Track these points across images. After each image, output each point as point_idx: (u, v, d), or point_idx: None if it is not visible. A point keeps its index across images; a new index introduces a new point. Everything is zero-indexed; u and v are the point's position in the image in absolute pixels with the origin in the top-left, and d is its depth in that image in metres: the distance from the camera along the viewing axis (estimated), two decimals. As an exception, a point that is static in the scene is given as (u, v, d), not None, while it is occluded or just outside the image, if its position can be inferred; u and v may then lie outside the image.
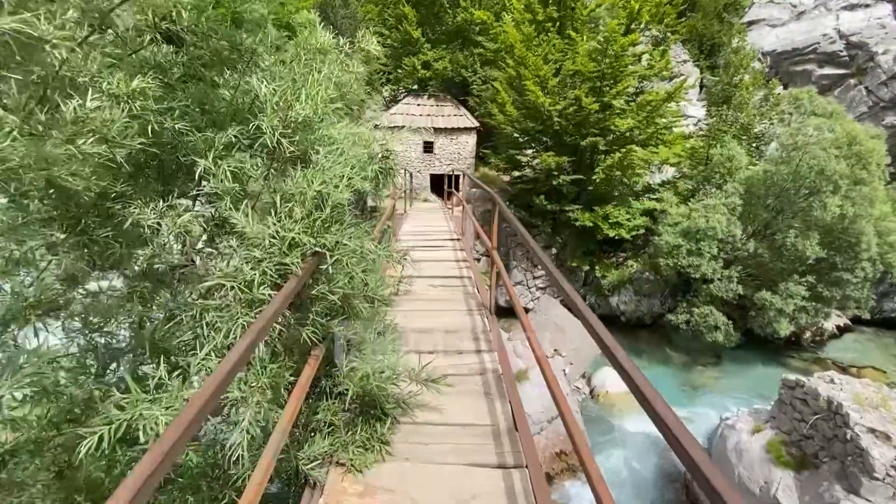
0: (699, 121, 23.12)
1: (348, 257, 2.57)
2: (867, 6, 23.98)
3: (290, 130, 2.82)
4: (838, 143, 12.37)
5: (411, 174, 16.64)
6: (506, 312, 16.66)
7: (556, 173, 14.88)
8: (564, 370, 10.90)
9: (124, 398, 1.84)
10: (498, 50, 19.15)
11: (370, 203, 16.02)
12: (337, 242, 2.54)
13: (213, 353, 2.14)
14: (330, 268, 2.47)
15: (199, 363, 2.04)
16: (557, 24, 16.75)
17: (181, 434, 1.17)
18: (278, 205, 2.51)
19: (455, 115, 20.49)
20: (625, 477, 10.51)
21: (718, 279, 13.22)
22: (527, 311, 17.04)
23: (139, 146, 2.33)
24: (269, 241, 2.38)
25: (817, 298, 13.47)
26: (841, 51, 23.17)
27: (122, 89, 2.24)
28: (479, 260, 17.20)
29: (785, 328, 12.98)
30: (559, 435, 10.10)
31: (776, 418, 8.02)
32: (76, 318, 2.32)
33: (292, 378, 2.33)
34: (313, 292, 2.52)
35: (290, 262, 2.29)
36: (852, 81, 22.82)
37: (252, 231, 2.40)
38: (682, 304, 14.11)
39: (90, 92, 2.02)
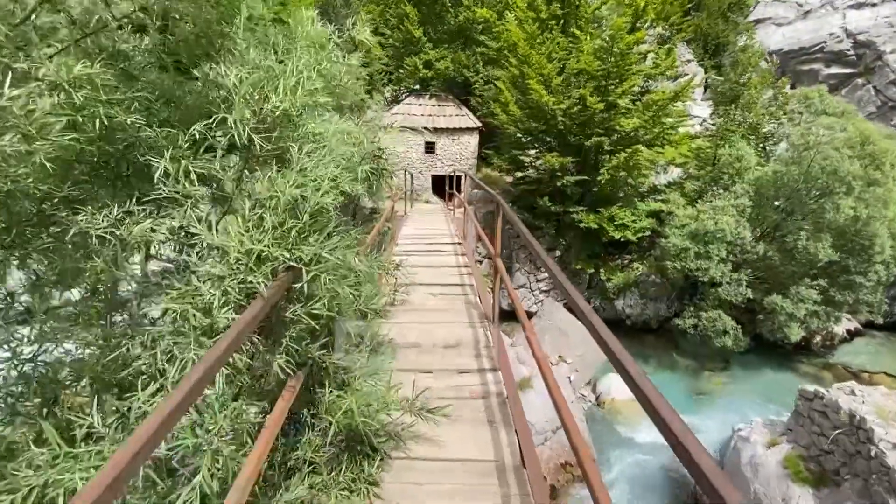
0: (703, 120, 22.71)
1: (329, 273, 2.20)
2: (874, 5, 23.52)
3: (266, 126, 2.46)
4: (851, 142, 11.95)
5: (412, 175, 16.27)
6: (509, 316, 16.29)
7: (559, 174, 14.49)
8: (569, 377, 10.52)
9: (44, 452, 1.48)
10: (500, 49, 18.78)
11: (370, 205, 15.68)
12: (316, 256, 2.17)
13: (166, 390, 1.79)
14: (307, 286, 2.10)
15: (141, 405, 1.67)
16: (561, 21, 16.36)
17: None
18: (246, 212, 2.14)
19: (457, 116, 20.14)
20: (630, 487, 10.13)
21: (727, 283, 12.81)
22: (530, 315, 16.69)
23: (90, 143, 1.98)
24: (235, 256, 2.02)
25: (829, 302, 13.04)
26: (848, 50, 22.72)
27: (62, 76, 1.88)
28: (480, 262, 16.84)
29: (796, 333, 12.56)
30: (564, 445, 9.72)
31: (793, 431, 7.62)
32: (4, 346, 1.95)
33: (260, 418, 1.97)
34: (287, 314, 2.16)
35: (256, 281, 1.93)
36: (860, 81, 22.37)
37: (216, 242, 2.04)
38: (690, 309, 13.70)
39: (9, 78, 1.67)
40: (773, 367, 14.55)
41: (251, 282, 1.97)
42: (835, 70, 23.07)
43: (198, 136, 2.36)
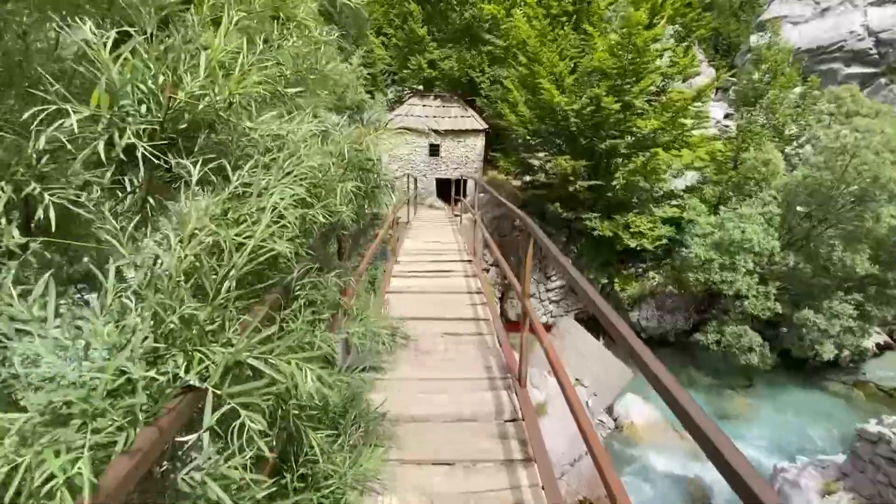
0: (717, 122, 21.64)
1: (267, 398, 1.20)
2: (896, 2, 22.41)
3: (181, 126, 1.48)
4: (890, 145, 10.89)
5: (416, 179, 15.29)
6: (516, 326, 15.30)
7: (572, 178, 13.47)
8: (587, 402, 9.51)
9: None
10: (508, 47, 17.79)
11: (372, 210, 14.70)
12: (237, 364, 1.17)
13: None
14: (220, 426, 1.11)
15: None
16: (573, 18, 15.36)
17: None
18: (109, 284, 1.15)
19: (462, 117, 19.13)
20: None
21: (754, 296, 11.76)
22: (546, 328, 15.55)
23: None
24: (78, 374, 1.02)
25: (862, 317, 11.99)
26: (870, 48, 21.61)
27: None
28: (487, 270, 15.86)
29: (829, 351, 11.53)
30: (583, 478, 8.72)
31: (851, 477, 6.61)
32: None
33: None
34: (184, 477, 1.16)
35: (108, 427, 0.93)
36: (883, 80, 21.25)
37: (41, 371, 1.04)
38: (712, 323, 12.65)
39: None
40: (799, 385, 13.49)
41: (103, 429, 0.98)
42: (855, 69, 21.96)
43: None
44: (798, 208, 11.96)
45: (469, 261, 6.43)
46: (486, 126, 18.91)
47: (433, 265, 6.11)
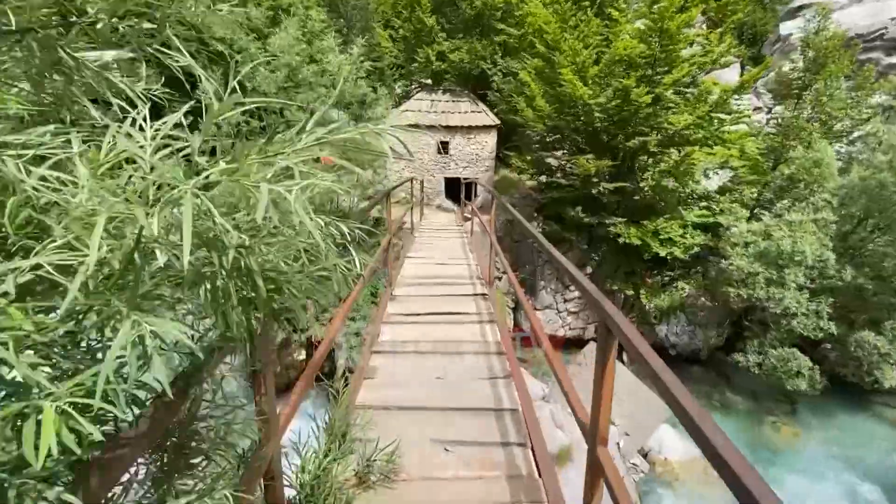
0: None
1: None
2: (941, -15, 20.32)
3: None
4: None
5: (422, 182, 13.82)
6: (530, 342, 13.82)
7: (595, 180, 11.91)
8: (618, 443, 8.04)
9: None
10: (524, 35, 16.17)
11: (372, 214, 13.26)
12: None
13: None
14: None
15: None
16: (596, 2, 13.70)
17: None
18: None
19: (473, 112, 17.58)
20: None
21: (804, 314, 10.14)
22: (559, 340, 14.19)
23: None
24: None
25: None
26: (914, 36, 19.58)
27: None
28: (499, 279, 14.38)
29: (891, 378, 9.89)
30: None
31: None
32: None
33: None
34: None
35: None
36: (929, 71, 19.23)
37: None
38: (752, 342, 11.06)
39: None
40: (849, 411, 11.85)
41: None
42: (898, 59, 19.97)
43: None
44: (863, 217, 10.32)
45: (484, 295, 4.97)
46: (499, 122, 17.36)
47: (439, 301, 4.66)
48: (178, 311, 0.96)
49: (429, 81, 20.47)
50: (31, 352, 0.64)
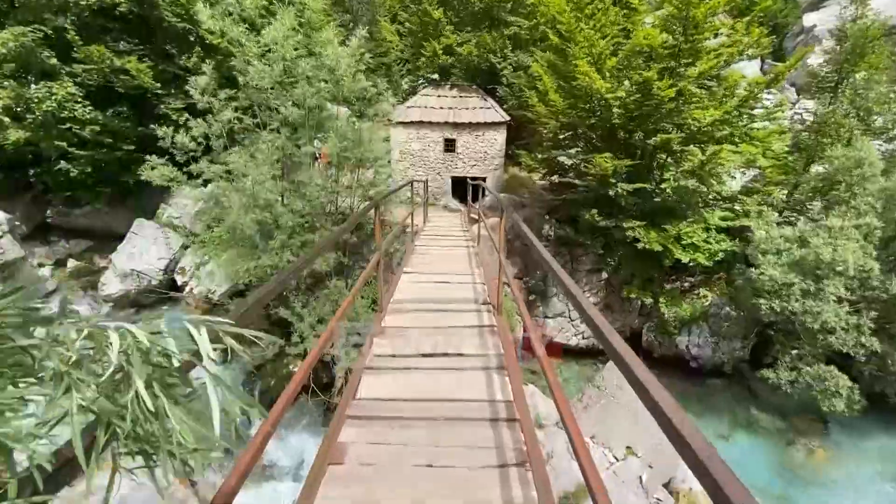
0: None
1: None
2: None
3: None
4: None
5: (426, 182, 12.93)
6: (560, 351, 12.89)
7: (612, 180, 10.91)
8: (641, 477, 7.13)
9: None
10: (535, 27, 15.15)
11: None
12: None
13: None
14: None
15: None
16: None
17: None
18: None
19: (481, 108, 16.62)
20: None
21: (843, 328, 9.11)
22: (573, 350, 13.18)
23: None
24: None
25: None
26: (951, 25, 18.09)
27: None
28: (507, 284, 13.45)
29: (940, 400, 8.84)
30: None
31: None
32: None
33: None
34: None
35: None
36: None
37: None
38: (784, 357, 10.03)
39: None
40: (885, 430, 10.81)
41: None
42: (933, 51, 18.50)
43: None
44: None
45: (493, 327, 4.06)
46: (509, 118, 16.38)
47: (436, 337, 3.74)
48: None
49: (436, 77, 19.51)
50: None
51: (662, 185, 10.89)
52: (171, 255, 13.90)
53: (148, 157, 10.16)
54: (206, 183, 10.29)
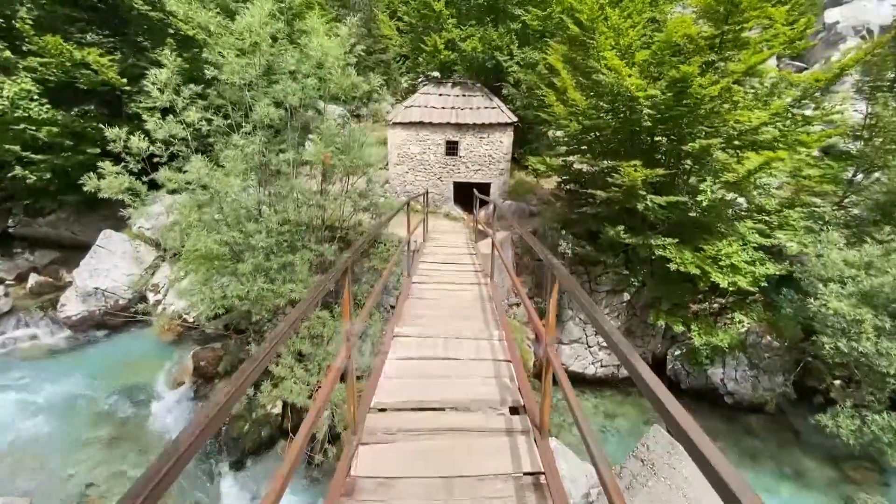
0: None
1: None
2: None
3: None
4: None
5: (427, 192, 11.21)
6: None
7: (642, 192, 9.19)
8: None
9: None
10: (548, 17, 13.39)
11: (364, 218, 10.67)
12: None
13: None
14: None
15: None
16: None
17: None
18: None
19: (486, 108, 14.87)
20: None
21: (921, 372, 7.40)
22: (590, 380, 11.39)
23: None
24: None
25: None
26: None
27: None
28: (517, 305, 11.75)
29: None
30: None
31: None
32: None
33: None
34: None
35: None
36: None
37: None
38: (845, 405, 8.35)
39: None
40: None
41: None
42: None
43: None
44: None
45: (516, 410, 2.33)
46: (516, 119, 14.64)
47: (439, 487, 2.06)
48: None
49: (436, 74, 17.74)
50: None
51: (699, 198, 9.18)
52: (143, 271, 12.16)
53: (101, 163, 8.43)
54: (174, 193, 8.57)
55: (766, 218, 10.53)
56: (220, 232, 7.62)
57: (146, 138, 7.63)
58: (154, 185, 8.18)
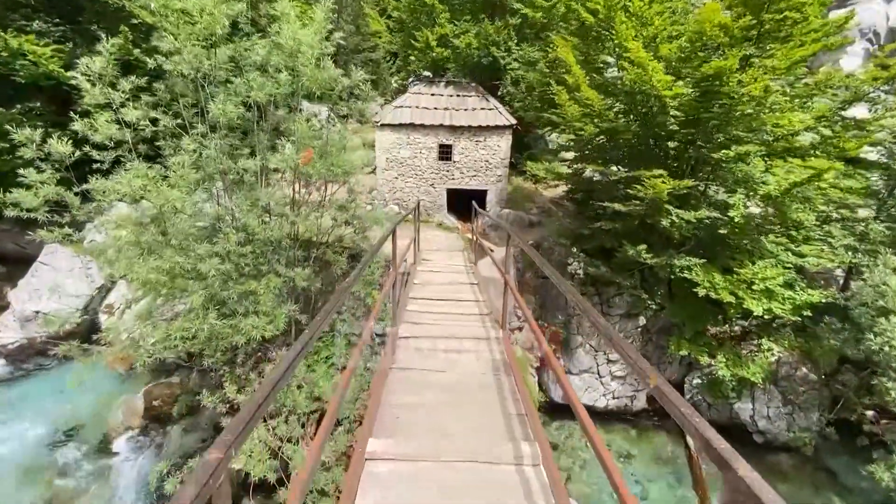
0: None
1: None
2: None
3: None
4: None
5: (419, 204, 9.68)
6: (563, 408, 9.75)
7: (667, 206, 7.76)
8: None
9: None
10: (552, 6, 11.93)
11: (345, 232, 9.03)
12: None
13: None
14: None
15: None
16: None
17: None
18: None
19: (482, 109, 13.37)
20: None
21: None
22: (601, 413, 9.86)
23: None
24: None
25: None
26: None
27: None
28: (520, 329, 10.27)
29: None
30: None
31: None
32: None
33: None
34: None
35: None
36: None
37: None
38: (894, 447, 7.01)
39: None
40: None
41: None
42: None
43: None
44: None
45: None
46: (515, 121, 13.17)
47: None
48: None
49: (427, 74, 16.20)
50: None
51: (730, 213, 7.80)
52: (94, 290, 10.43)
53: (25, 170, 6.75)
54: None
55: (791, 232, 9.17)
56: (163, 256, 6.00)
57: (69, 142, 5.98)
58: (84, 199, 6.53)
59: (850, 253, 8.47)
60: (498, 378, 3.37)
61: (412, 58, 16.42)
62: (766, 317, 8.03)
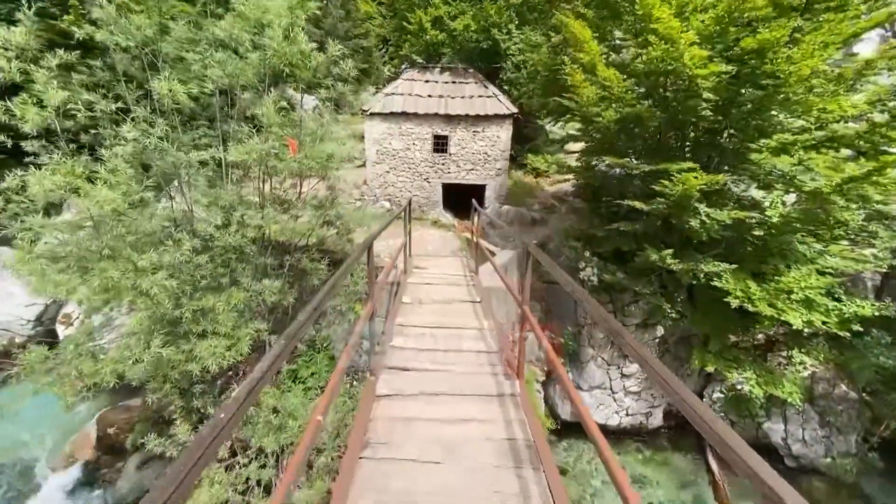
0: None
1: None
2: None
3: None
4: None
5: (410, 203, 8.45)
6: (573, 426, 8.68)
7: (697, 205, 6.61)
8: None
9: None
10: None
11: (327, 232, 7.85)
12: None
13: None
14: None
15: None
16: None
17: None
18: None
19: (480, 97, 12.13)
20: None
21: None
22: (614, 430, 8.74)
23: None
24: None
25: None
26: None
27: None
28: (524, 339, 9.16)
29: None
30: None
31: None
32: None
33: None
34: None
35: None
36: None
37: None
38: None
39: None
40: None
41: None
42: None
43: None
44: None
45: None
46: (515, 110, 11.94)
47: None
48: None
49: (422, 61, 14.90)
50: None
51: (768, 213, 6.68)
52: (49, 299, 9.19)
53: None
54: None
55: (817, 231, 8.04)
56: (93, 270, 4.79)
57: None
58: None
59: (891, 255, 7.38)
60: (521, 477, 2.20)
61: (405, 42, 15.11)
62: (805, 331, 6.95)
